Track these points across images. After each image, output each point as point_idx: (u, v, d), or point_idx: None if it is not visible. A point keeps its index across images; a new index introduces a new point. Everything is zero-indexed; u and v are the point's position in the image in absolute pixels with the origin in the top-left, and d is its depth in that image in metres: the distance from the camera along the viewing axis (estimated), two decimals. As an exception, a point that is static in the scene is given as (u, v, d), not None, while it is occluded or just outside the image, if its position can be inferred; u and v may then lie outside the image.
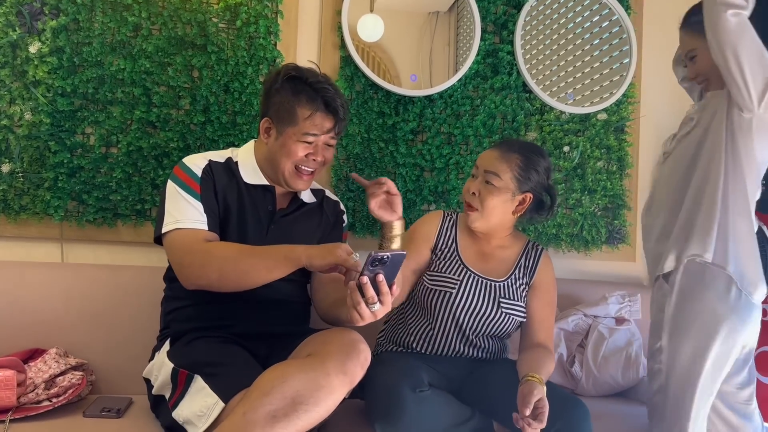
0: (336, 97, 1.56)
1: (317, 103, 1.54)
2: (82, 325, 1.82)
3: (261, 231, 1.59)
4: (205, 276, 1.42)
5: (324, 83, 1.56)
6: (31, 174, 1.90)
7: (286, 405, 1.21)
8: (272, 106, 1.58)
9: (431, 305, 1.70)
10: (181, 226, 1.48)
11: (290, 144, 1.55)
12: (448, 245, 1.77)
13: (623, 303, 2.15)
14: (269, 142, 1.59)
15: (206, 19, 2.02)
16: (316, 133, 1.55)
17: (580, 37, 2.40)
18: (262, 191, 1.62)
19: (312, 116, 1.54)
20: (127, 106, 1.97)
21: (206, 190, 1.54)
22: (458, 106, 2.27)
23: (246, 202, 1.59)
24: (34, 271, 1.85)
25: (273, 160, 1.59)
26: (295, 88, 1.55)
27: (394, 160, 2.21)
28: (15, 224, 1.91)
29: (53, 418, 1.51)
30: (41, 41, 1.90)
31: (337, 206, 1.79)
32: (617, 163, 2.45)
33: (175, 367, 1.41)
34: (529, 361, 1.61)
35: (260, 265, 1.38)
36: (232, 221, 1.57)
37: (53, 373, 1.63)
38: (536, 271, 1.78)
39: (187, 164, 1.57)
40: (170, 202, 1.53)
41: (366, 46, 2.19)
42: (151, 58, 1.98)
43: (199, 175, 1.55)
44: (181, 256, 1.47)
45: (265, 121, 1.59)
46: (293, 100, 1.54)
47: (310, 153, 1.57)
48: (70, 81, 1.92)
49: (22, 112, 1.89)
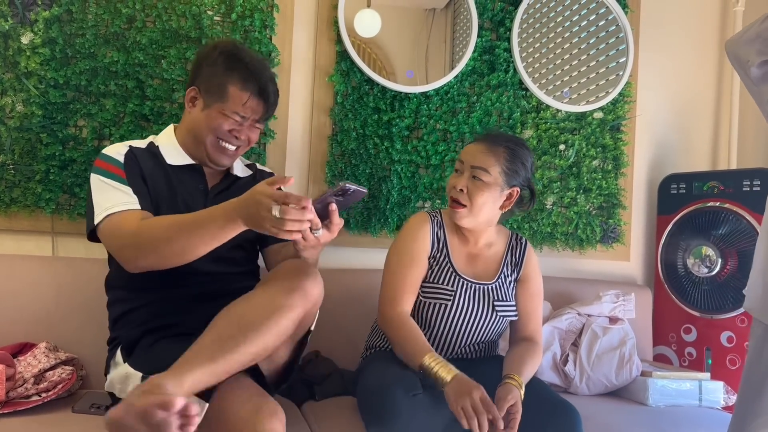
0: (269, 83, 1.54)
1: (250, 85, 1.52)
2: (73, 319, 1.80)
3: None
4: (143, 257, 1.35)
5: (260, 67, 1.54)
6: (22, 166, 1.88)
7: (231, 332, 1.20)
8: (202, 76, 1.55)
9: (427, 317, 1.68)
10: (111, 212, 1.41)
11: (215, 116, 1.52)
12: (440, 250, 1.72)
13: (617, 302, 2.15)
14: (193, 112, 1.56)
15: (201, 12, 2.00)
16: (244, 115, 1.53)
17: (577, 35, 2.39)
18: (189, 171, 1.58)
19: (241, 97, 1.51)
20: (120, 99, 1.95)
21: (132, 175, 1.48)
22: (454, 102, 2.26)
23: (175, 185, 1.54)
24: (24, 264, 1.83)
25: (195, 131, 1.55)
26: (229, 64, 1.52)
27: (390, 157, 2.20)
28: (6, 217, 1.89)
29: (42, 413, 1.49)
30: (34, 32, 1.87)
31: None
32: (613, 162, 2.45)
33: (144, 375, 1.34)
34: (514, 358, 1.61)
35: (196, 240, 1.29)
36: (163, 206, 1.50)
37: (43, 367, 1.61)
38: (523, 266, 1.77)
39: (107, 154, 1.51)
40: (97, 194, 1.45)
41: (362, 41, 2.18)
42: (145, 51, 1.96)
43: (121, 161, 1.49)
44: (115, 242, 1.40)
45: (192, 90, 1.56)
46: (226, 75, 1.51)
47: (234, 129, 1.54)
48: (62, 73, 1.89)
49: (14, 103, 1.87)
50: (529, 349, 1.67)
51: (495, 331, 1.71)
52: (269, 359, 1.35)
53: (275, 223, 1.15)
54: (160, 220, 1.37)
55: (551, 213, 2.37)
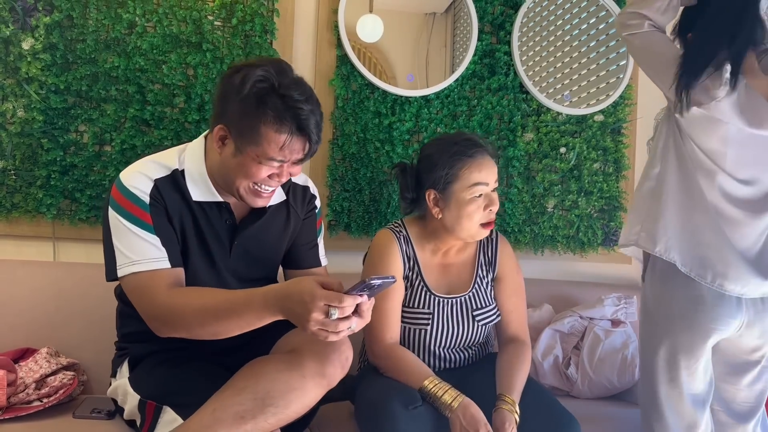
0: (311, 117, 1.28)
1: (287, 124, 1.26)
2: (74, 324, 1.80)
3: (224, 251, 1.43)
4: (173, 331, 1.27)
5: (298, 98, 1.27)
6: (23, 172, 1.89)
7: (255, 406, 1.19)
8: (231, 113, 1.30)
9: (409, 340, 1.66)
10: (138, 270, 1.28)
11: (251, 165, 1.30)
12: (412, 268, 1.66)
13: (619, 305, 2.15)
14: (223, 153, 1.33)
15: (202, 17, 2.01)
16: (282, 159, 1.30)
17: (577, 38, 2.40)
18: (216, 207, 1.41)
19: (278, 141, 1.27)
20: (121, 104, 1.95)
21: (158, 218, 1.32)
22: (455, 106, 2.26)
23: (201, 223, 1.39)
24: (26, 269, 1.83)
25: (227, 175, 1.35)
26: (261, 98, 1.26)
27: (390, 160, 2.20)
28: (7, 222, 1.89)
29: (43, 418, 1.50)
30: (34, 38, 1.88)
31: (306, 193, 1.58)
32: (614, 164, 2.44)
33: (141, 398, 1.33)
34: (504, 370, 1.58)
35: (231, 326, 1.22)
36: (191, 246, 1.38)
37: (44, 372, 1.61)
38: (497, 264, 1.71)
39: (129, 188, 1.31)
40: (119, 239, 1.30)
41: (362, 45, 2.18)
42: (145, 56, 1.96)
43: (147, 201, 1.31)
44: (144, 308, 1.29)
45: (221, 129, 1.32)
46: (257, 115, 1.26)
47: (273, 174, 1.33)
48: (63, 78, 1.90)
49: (15, 109, 1.88)
50: (517, 353, 1.63)
51: (482, 336, 1.69)
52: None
53: (325, 325, 1.10)
54: (193, 300, 1.24)
55: (552, 216, 2.37)
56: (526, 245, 2.36)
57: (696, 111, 1.45)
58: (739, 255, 1.46)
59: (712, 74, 1.42)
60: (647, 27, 1.50)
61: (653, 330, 1.57)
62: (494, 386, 1.55)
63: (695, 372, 1.51)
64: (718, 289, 1.46)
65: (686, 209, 1.51)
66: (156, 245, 1.31)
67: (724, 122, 1.44)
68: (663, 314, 1.54)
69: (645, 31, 1.51)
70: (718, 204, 1.48)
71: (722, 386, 1.60)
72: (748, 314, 1.48)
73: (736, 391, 1.59)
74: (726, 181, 1.48)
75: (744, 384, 1.58)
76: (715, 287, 1.46)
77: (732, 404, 1.60)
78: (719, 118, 1.44)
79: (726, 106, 1.43)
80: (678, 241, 1.50)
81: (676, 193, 1.52)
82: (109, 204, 1.33)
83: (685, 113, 1.47)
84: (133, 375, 1.40)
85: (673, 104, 1.50)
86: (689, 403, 1.52)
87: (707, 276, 1.47)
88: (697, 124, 1.48)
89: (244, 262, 1.47)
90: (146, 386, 1.34)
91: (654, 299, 1.57)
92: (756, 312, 1.49)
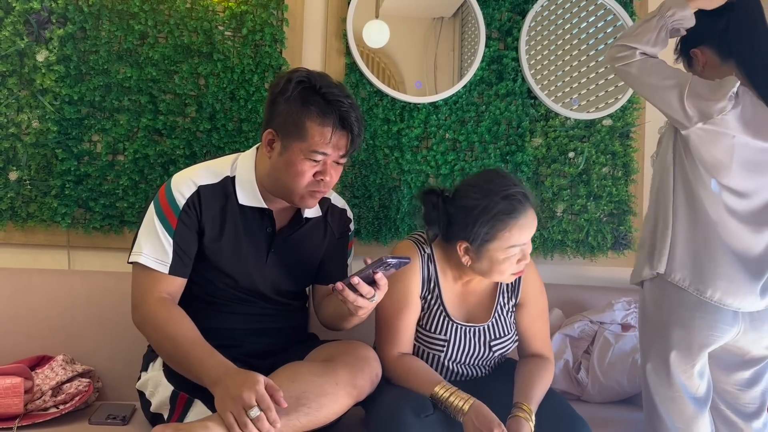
0: (351, 111, 1.40)
1: (330, 117, 1.39)
2: (89, 332, 1.83)
3: (260, 257, 1.51)
4: (142, 332, 1.42)
5: (339, 95, 1.40)
6: (38, 181, 1.92)
7: (289, 404, 1.23)
8: (277, 116, 1.42)
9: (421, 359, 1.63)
10: (142, 261, 1.40)
11: (297, 162, 1.40)
12: (431, 291, 1.61)
13: (629, 309, 2.15)
14: (272, 156, 1.44)
15: (212, 27, 2.03)
16: (326, 152, 1.40)
17: (584, 42, 2.40)
18: (258, 212, 1.51)
19: (323, 132, 1.39)
20: (133, 114, 1.98)
21: (185, 226, 1.43)
22: (463, 112, 2.27)
23: (241, 225, 1.49)
24: (41, 277, 1.86)
25: (278, 179, 1.45)
26: (305, 97, 1.39)
27: (400, 167, 2.22)
28: (22, 231, 1.92)
29: (60, 425, 1.52)
30: (48, 50, 1.91)
31: (343, 215, 1.68)
32: (622, 168, 2.44)
33: (174, 389, 1.37)
34: (524, 378, 1.56)
35: (181, 366, 1.35)
36: (226, 247, 1.47)
37: (60, 380, 1.64)
38: (520, 290, 1.66)
39: (173, 189, 1.45)
40: (145, 229, 1.44)
41: (371, 52, 2.20)
42: (157, 66, 1.99)
43: (180, 207, 1.43)
44: (134, 298, 1.44)
45: (269, 134, 1.44)
46: (302, 112, 1.39)
47: (318, 172, 1.43)
48: (77, 89, 1.93)
49: (30, 120, 1.91)
50: (539, 367, 1.60)
51: (494, 363, 1.67)
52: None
53: (241, 418, 1.17)
54: (167, 325, 1.36)
55: (561, 220, 2.38)
56: (535, 250, 2.36)
57: (701, 125, 1.46)
58: (740, 269, 1.47)
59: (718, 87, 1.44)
60: (639, 56, 1.50)
61: (651, 334, 1.58)
62: (510, 393, 1.53)
63: (692, 375, 1.53)
64: (717, 305, 1.48)
65: (691, 223, 1.51)
66: (166, 248, 1.42)
67: (730, 135, 1.45)
68: (661, 319, 1.54)
69: (638, 59, 1.50)
70: (721, 218, 1.48)
71: (724, 388, 1.60)
72: (744, 322, 1.50)
73: (738, 392, 1.60)
74: (730, 194, 1.49)
75: (745, 386, 1.59)
76: (714, 302, 1.48)
77: (737, 405, 1.61)
78: (725, 132, 1.45)
79: (731, 120, 1.44)
80: (681, 258, 1.51)
81: (682, 209, 1.53)
82: (154, 198, 1.47)
83: (691, 128, 1.47)
84: (169, 368, 1.42)
85: (679, 122, 1.49)
86: (689, 404, 1.53)
87: (707, 291, 1.48)
88: (702, 138, 1.48)
89: (278, 271, 1.54)
90: (183, 379, 1.37)
91: (653, 304, 1.57)
92: (752, 320, 1.50)
